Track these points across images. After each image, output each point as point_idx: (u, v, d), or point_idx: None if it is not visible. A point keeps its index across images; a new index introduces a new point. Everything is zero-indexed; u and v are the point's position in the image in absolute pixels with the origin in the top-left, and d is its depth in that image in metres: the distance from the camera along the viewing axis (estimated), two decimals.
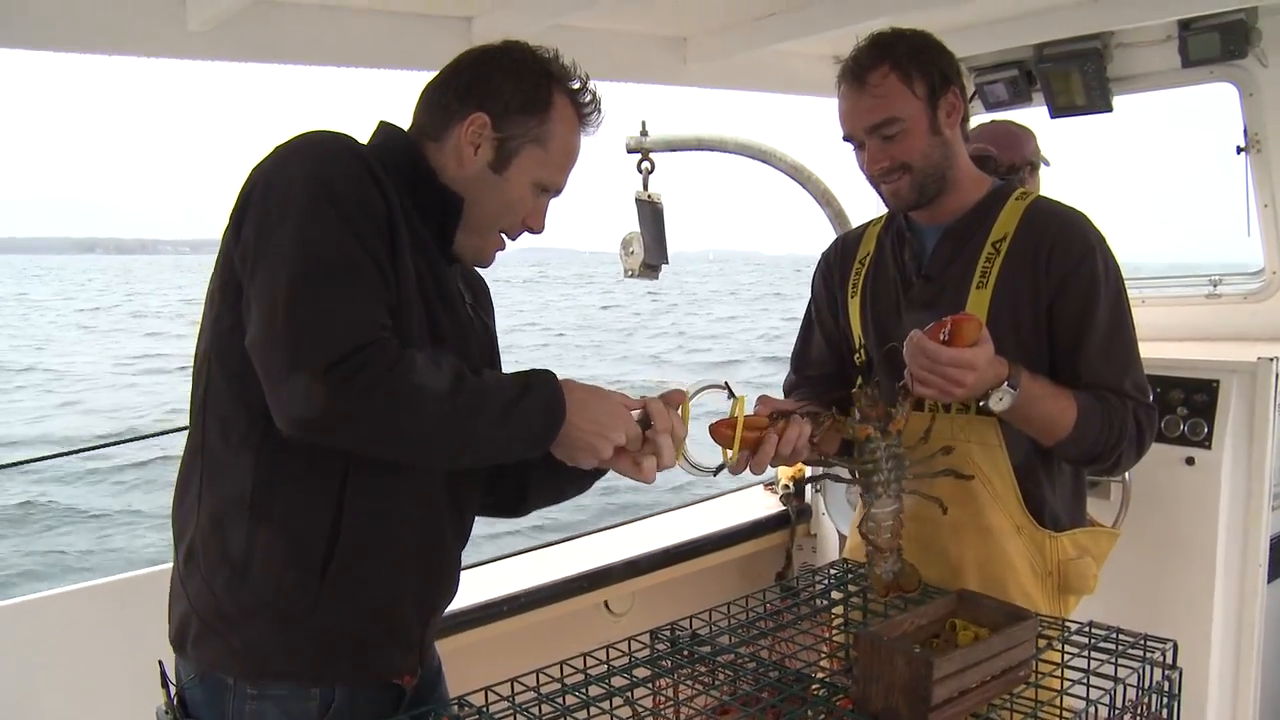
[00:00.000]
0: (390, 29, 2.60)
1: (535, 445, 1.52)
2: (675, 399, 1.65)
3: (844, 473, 1.87)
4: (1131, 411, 1.91)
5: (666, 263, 3.42)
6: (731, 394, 1.73)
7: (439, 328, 1.60)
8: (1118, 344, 1.94)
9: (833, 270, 2.25)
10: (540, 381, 1.52)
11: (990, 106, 3.47)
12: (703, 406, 1.73)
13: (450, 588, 1.79)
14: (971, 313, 1.82)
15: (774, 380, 1.84)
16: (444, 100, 1.64)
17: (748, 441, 1.74)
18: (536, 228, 1.71)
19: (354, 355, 1.36)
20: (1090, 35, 3.14)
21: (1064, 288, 1.92)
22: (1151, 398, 1.98)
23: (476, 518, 1.84)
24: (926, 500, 1.83)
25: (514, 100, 1.61)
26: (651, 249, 3.38)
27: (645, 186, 3.39)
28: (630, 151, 3.38)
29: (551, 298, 53.13)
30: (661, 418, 1.59)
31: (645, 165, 3.38)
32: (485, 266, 1.76)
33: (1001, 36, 3.20)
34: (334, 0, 2.49)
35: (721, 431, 1.72)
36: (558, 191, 1.71)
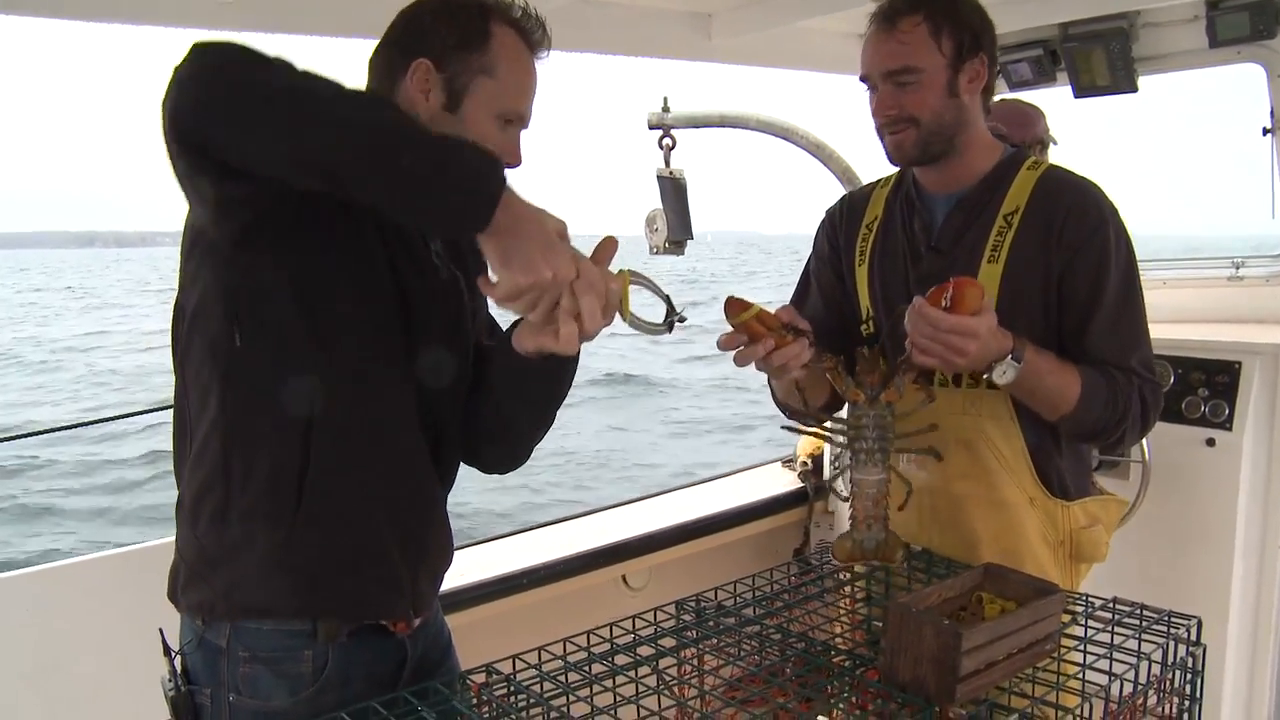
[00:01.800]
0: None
1: (469, 206, 1.37)
2: (608, 248, 1.49)
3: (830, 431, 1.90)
4: (1137, 389, 1.90)
5: (691, 238, 3.40)
6: (673, 311, 1.58)
7: (402, 276, 1.62)
8: (1126, 319, 1.93)
9: (838, 231, 2.21)
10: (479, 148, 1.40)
11: (1014, 86, 3.45)
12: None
13: (442, 536, 1.78)
14: (973, 278, 1.80)
15: None
16: (387, 59, 1.65)
17: (752, 330, 1.72)
18: (513, 162, 1.65)
19: (223, 48, 1.35)
20: (1116, 14, 3.11)
21: (1075, 260, 1.90)
22: (1157, 375, 1.97)
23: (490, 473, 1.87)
24: (936, 471, 1.84)
25: (450, 38, 1.60)
26: (675, 225, 3.37)
27: (667, 163, 3.38)
28: (652, 128, 3.37)
29: None
30: (589, 273, 1.43)
31: (667, 141, 3.36)
32: None
33: (1026, 15, 3.17)
34: None
35: (734, 305, 1.72)
36: (523, 122, 1.67)
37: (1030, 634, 1.44)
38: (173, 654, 1.64)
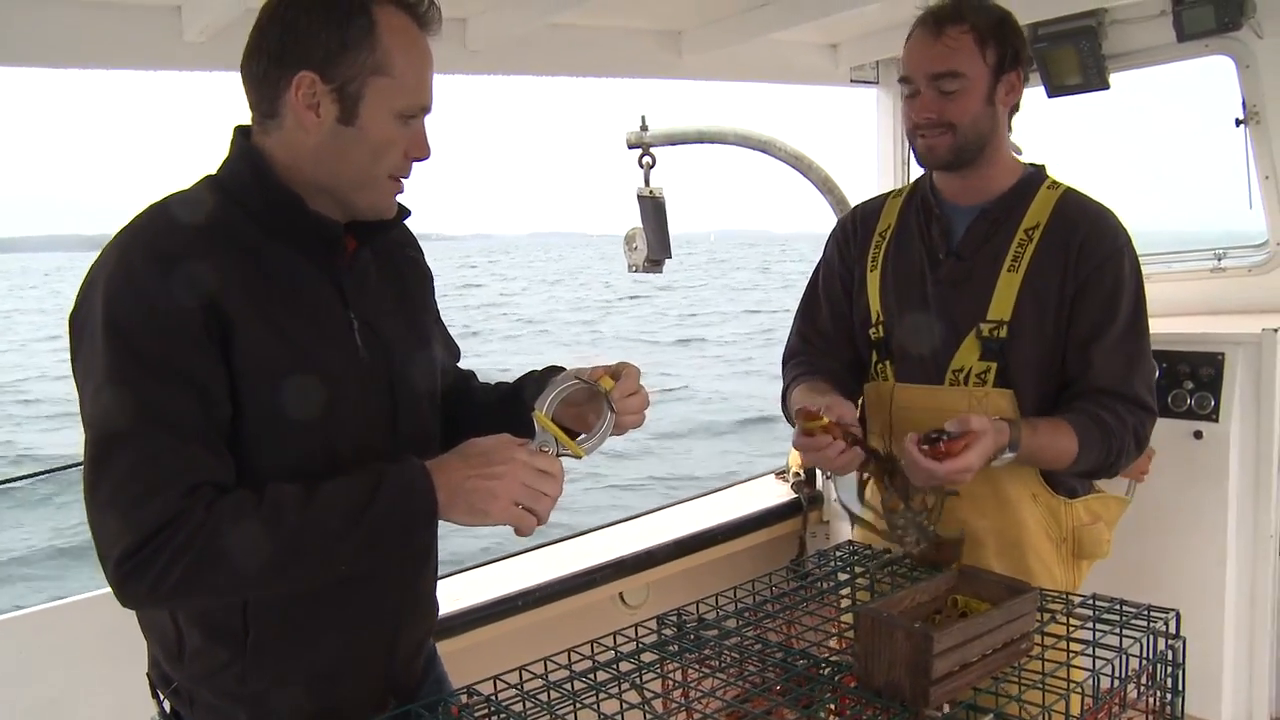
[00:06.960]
0: None
1: (415, 531, 1.47)
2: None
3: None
4: (1132, 429, 1.96)
5: (669, 257, 3.43)
6: (593, 385, 1.58)
7: (313, 360, 1.48)
8: (1131, 343, 1.99)
9: (849, 241, 2.25)
10: (395, 473, 1.42)
11: None
12: None
13: (413, 624, 1.72)
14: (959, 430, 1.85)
15: None
16: (263, 70, 1.45)
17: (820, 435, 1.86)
18: (422, 155, 1.53)
19: (146, 544, 1.30)
20: (1084, 13, 3.13)
21: (1091, 281, 1.97)
22: (1153, 402, 2.03)
23: None
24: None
25: (333, 40, 1.40)
26: (654, 244, 3.39)
27: (647, 182, 3.39)
28: (631, 147, 3.38)
29: None
30: (526, 474, 1.45)
31: (646, 160, 3.38)
32: (390, 216, 1.57)
33: None
34: None
35: (806, 415, 1.86)
36: (426, 110, 1.51)
37: (1004, 634, 1.44)
38: (160, 697, 1.62)
